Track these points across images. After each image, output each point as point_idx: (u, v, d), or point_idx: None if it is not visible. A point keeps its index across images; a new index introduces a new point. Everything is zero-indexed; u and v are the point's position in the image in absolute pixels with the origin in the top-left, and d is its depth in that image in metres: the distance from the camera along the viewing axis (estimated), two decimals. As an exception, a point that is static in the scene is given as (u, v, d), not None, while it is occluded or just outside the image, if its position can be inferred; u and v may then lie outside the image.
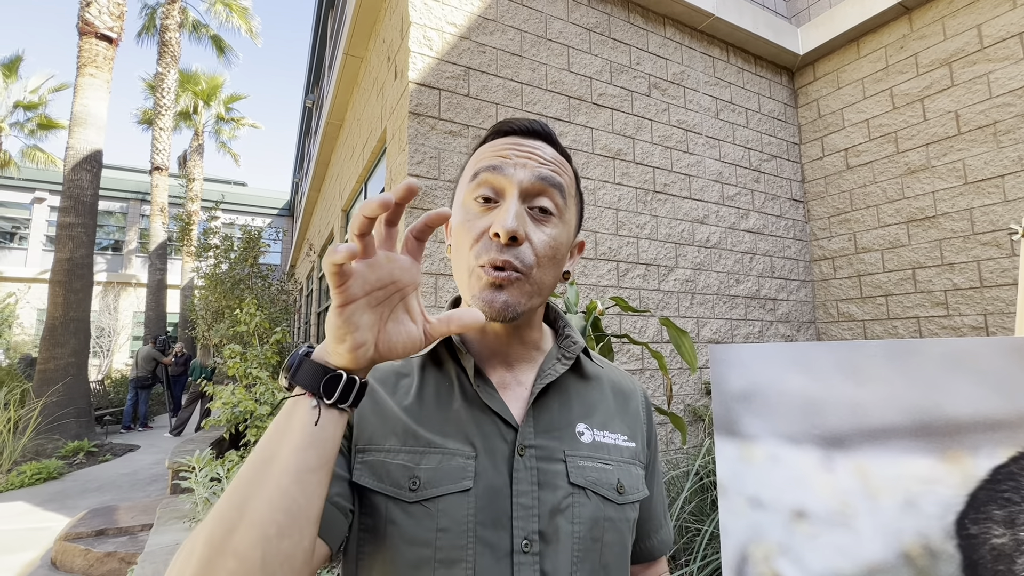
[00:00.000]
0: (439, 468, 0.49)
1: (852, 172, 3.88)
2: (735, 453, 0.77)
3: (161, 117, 12.14)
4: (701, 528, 1.84)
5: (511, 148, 0.54)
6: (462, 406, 0.53)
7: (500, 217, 0.51)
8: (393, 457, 0.49)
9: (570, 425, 0.56)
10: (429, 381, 0.55)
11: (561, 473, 0.52)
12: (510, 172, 0.52)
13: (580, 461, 0.53)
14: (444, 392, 0.55)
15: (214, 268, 7.82)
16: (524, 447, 0.52)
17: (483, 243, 0.51)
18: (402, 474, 0.49)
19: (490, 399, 0.53)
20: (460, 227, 0.54)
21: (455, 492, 0.48)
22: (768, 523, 0.73)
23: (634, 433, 0.62)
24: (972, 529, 0.59)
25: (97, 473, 5.56)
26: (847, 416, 0.70)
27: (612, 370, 0.68)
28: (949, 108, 3.34)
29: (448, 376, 0.56)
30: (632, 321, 3.11)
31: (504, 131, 0.57)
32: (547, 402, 0.56)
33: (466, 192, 0.55)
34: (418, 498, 0.48)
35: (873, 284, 3.72)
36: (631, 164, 3.29)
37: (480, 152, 0.56)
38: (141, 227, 17.78)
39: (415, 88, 2.63)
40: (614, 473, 0.55)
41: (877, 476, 0.66)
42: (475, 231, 0.52)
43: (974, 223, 3.22)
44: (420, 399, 0.54)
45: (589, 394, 0.60)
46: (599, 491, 0.53)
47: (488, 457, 0.51)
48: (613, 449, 0.57)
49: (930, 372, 0.66)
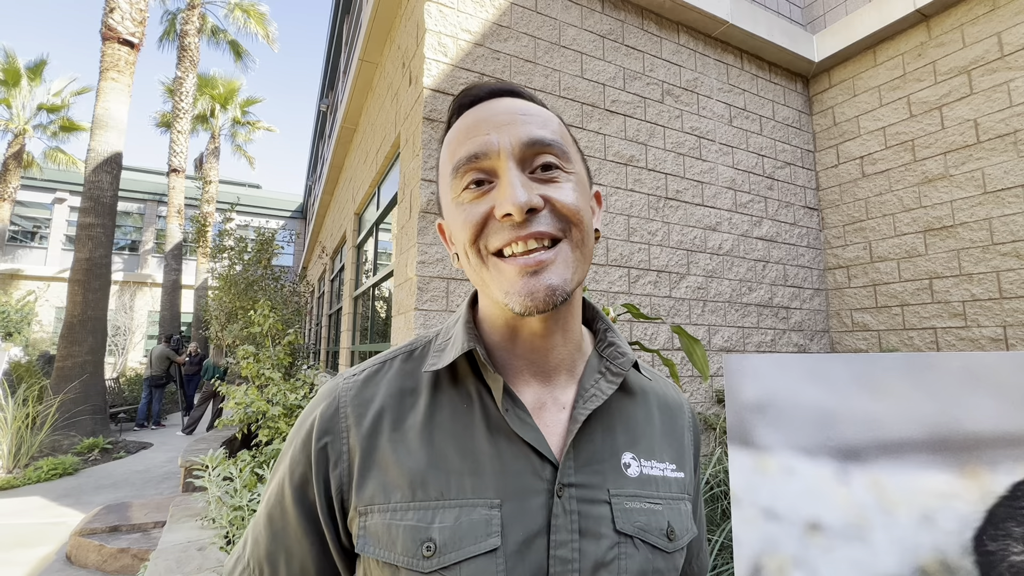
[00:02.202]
0: (458, 525, 0.40)
1: (868, 180, 3.84)
2: (749, 464, 0.77)
3: (179, 120, 12.37)
4: (712, 538, 1.82)
5: (477, 119, 0.46)
6: (485, 437, 0.44)
7: (504, 194, 0.42)
8: (401, 517, 0.41)
9: (615, 455, 0.47)
10: (443, 404, 0.46)
11: (606, 518, 0.43)
12: (493, 142, 0.44)
13: (627, 503, 0.45)
14: (461, 419, 0.45)
15: (228, 269, 7.93)
16: (563, 487, 0.43)
17: (491, 229, 0.43)
18: (413, 538, 0.40)
19: (522, 428, 0.44)
20: (459, 227, 0.45)
21: (480, 555, 0.40)
22: (782, 535, 0.73)
23: (682, 460, 0.53)
24: (990, 546, 0.59)
25: (111, 470, 5.65)
26: (863, 429, 0.70)
27: (659, 382, 0.58)
28: (968, 116, 3.29)
29: (467, 396, 0.46)
30: (643, 328, 3.10)
31: (466, 103, 0.48)
32: (589, 427, 0.46)
33: (451, 191, 0.46)
34: (435, 567, 0.39)
35: (889, 294, 3.67)
36: (643, 171, 3.29)
37: (450, 141, 0.47)
38: (158, 228, 18.09)
39: (429, 94, 2.65)
40: (664, 515, 0.47)
41: (893, 490, 0.66)
42: (474, 220, 0.44)
43: (993, 233, 3.16)
44: (431, 429, 0.44)
45: (635, 414, 0.51)
46: (648, 539, 0.45)
47: (518, 502, 0.42)
48: (662, 483, 0.49)
49: (948, 386, 0.65)
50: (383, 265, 4.38)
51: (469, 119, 0.47)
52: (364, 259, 5.28)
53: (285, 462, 0.49)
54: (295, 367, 5.54)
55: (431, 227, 2.57)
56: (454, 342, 0.49)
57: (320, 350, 8.55)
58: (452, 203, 0.47)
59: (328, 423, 0.47)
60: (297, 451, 0.48)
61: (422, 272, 2.52)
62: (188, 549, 2.69)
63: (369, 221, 4.85)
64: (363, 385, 0.49)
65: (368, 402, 0.47)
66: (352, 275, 5.57)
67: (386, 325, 3.91)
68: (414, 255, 2.57)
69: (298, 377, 4.24)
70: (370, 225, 4.75)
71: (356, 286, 5.40)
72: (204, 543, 2.76)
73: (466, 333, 0.48)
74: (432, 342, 0.52)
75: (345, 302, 5.70)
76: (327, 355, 7.67)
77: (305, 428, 0.48)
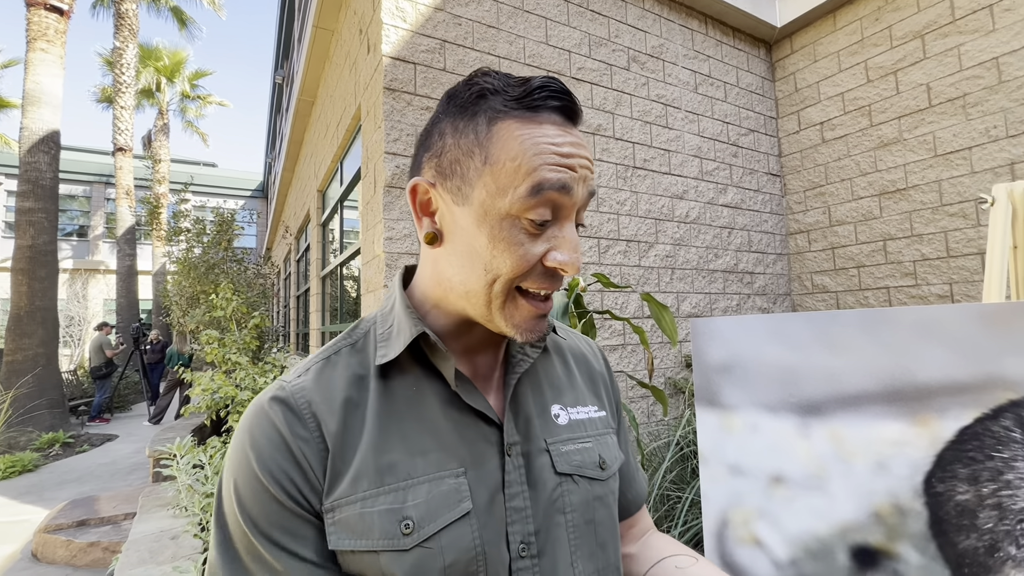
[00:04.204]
0: (431, 499, 0.43)
1: (827, 146, 3.93)
2: (716, 423, 0.80)
3: (122, 95, 11.58)
4: (682, 496, 1.90)
5: (572, 151, 0.43)
6: (440, 414, 0.47)
7: (569, 247, 0.43)
8: (372, 504, 0.42)
9: (545, 410, 0.53)
10: (396, 390, 0.47)
11: (547, 465, 0.49)
12: (575, 191, 0.43)
13: (562, 447, 0.51)
14: (416, 400, 0.47)
15: (186, 252, 7.60)
16: (510, 445, 0.48)
17: (534, 271, 0.44)
18: (389, 520, 0.41)
19: (473, 399, 0.48)
20: (504, 251, 0.43)
21: (456, 520, 0.43)
22: (747, 489, 0.76)
23: (602, 400, 0.60)
24: (939, 488, 0.63)
25: (75, 464, 5.46)
26: (823, 384, 0.73)
27: (572, 337, 0.65)
28: (921, 81, 3.38)
29: (417, 379, 0.48)
30: (614, 297, 3.14)
31: (549, 106, 0.43)
32: (520, 389, 0.52)
33: (513, 199, 0.42)
34: (416, 541, 0.41)
35: (846, 256, 3.81)
36: (611, 140, 3.27)
37: (529, 141, 0.42)
38: (107, 211, 17.12)
39: (389, 62, 2.55)
40: (595, 450, 0.53)
41: (851, 441, 0.69)
42: (531, 259, 0.43)
43: (942, 195, 3.30)
44: (389, 416, 0.46)
45: (556, 370, 0.58)
46: (585, 473, 0.51)
47: (478, 467, 0.46)
48: (589, 424, 0.55)
49: (902, 340, 0.68)
50: (350, 243, 4.27)
51: (563, 140, 0.43)
52: (330, 238, 5.14)
53: (241, 511, 0.42)
54: (263, 351, 5.41)
55: (397, 202, 2.51)
56: (399, 330, 0.49)
57: (289, 332, 8.38)
58: (504, 212, 0.42)
59: (295, 431, 0.43)
60: (262, 484, 0.42)
61: (390, 249, 2.47)
62: (161, 538, 2.64)
63: (333, 198, 4.70)
64: (315, 385, 0.46)
65: (328, 400, 0.45)
66: (318, 254, 5.42)
67: (356, 304, 3.84)
68: (380, 232, 2.51)
69: (267, 360, 4.14)
70: (334, 202, 4.61)
71: (323, 266, 5.26)
72: (177, 532, 2.72)
73: (411, 319, 0.48)
74: (370, 333, 0.52)
75: (313, 282, 5.56)
76: (297, 337, 7.52)
77: (263, 453, 0.42)
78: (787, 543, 0.62)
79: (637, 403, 3.18)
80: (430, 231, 0.47)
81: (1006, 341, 0.54)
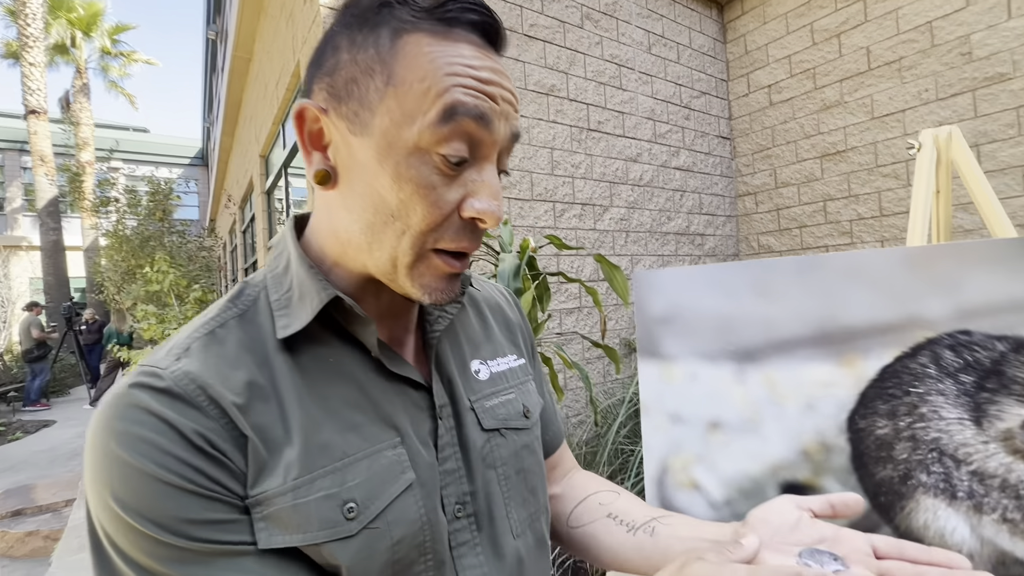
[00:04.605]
0: (372, 475, 0.39)
1: (774, 108, 4.02)
2: (657, 374, 0.81)
3: (29, 50, 10.41)
4: (635, 450, 1.98)
5: (492, 78, 0.37)
6: (366, 384, 0.42)
7: (487, 195, 0.38)
8: (307, 492, 0.36)
9: (466, 367, 0.51)
10: (309, 365, 0.41)
11: (474, 423, 0.48)
12: (496, 128, 0.38)
13: (486, 403, 0.50)
14: (335, 373, 0.41)
15: (117, 224, 7.07)
16: (441, 408, 0.46)
17: (450, 223, 0.38)
18: (330, 507, 0.37)
19: (397, 366, 0.44)
20: (406, 184, 0.36)
21: (401, 493, 0.40)
22: (686, 436, 0.79)
23: (519, 348, 0.59)
24: (861, 424, 0.66)
25: (8, 453, 5.13)
26: (758, 331, 0.75)
27: (485, 287, 0.63)
28: (862, 44, 3.48)
29: (331, 348, 0.42)
30: (569, 261, 3.15)
31: (466, 20, 0.37)
32: (440, 348, 0.49)
33: (428, 131, 0.36)
34: (363, 524, 0.37)
35: (789, 217, 3.97)
36: (565, 101, 3.22)
37: (442, 59, 0.36)
38: (24, 182, 15.63)
39: (328, 13, 2.37)
40: (518, 400, 0.53)
41: (783, 384, 0.72)
42: (442, 205, 0.37)
43: (878, 156, 3.46)
44: (308, 394, 0.40)
45: (473, 324, 0.55)
46: (511, 425, 0.50)
47: (412, 435, 0.43)
48: (510, 375, 0.54)
49: (832, 285, 0.71)
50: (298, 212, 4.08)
51: (481, 64, 0.37)
52: (277, 207, 4.89)
53: (144, 522, 0.33)
54: (210, 326, 5.16)
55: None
56: (301, 294, 0.42)
57: (239, 307, 8.02)
58: (411, 144, 0.36)
59: (195, 422, 0.35)
60: (162, 480, 0.33)
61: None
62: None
63: (276, 163, 4.44)
64: (204, 367, 0.37)
65: (227, 383, 0.37)
66: (264, 224, 5.16)
67: (306, 275, 3.69)
68: (327, 197, 2.40)
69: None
70: (278, 167, 4.36)
71: (270, 235, 5.02)
72: (125, 514, 2.61)
73: (316, 281, 0.41)
74: (260, 299, 0.43)
75: (260, 254, 5.31)
76: (247, 312, 7.22)
77: (152, 450, 0.33)
78: (722, 485, 0.65)
79: (593, 364, 3.26)
80: (322, 168, 0.40)
81: (926, 282, 0.55)
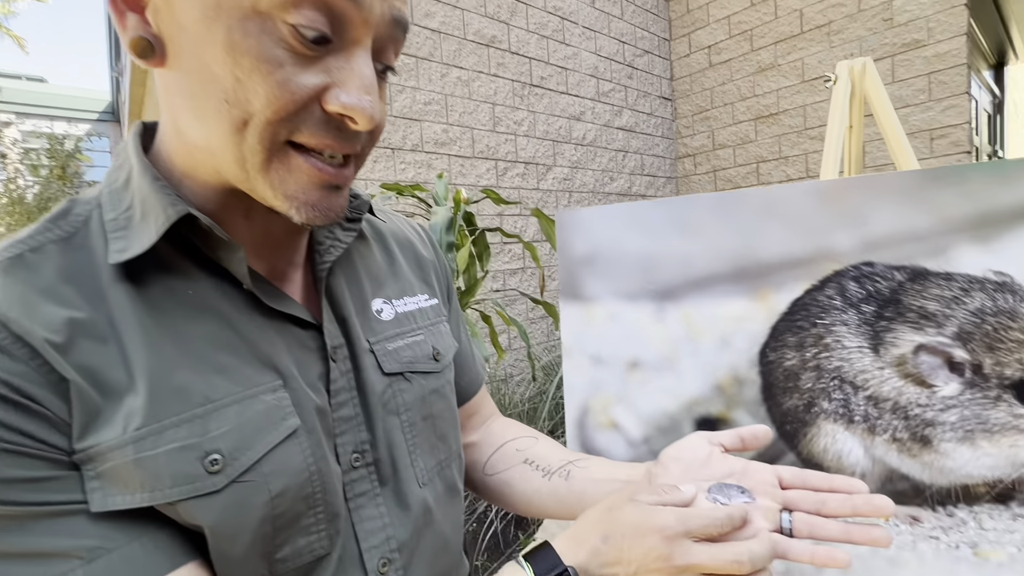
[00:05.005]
0: (243, 422, 0.34)
1: (714, 70, 4.06)
2: (578, 315, 0.80)
3: None
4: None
5: None
6: (238, 319, 0.36)
7: (356, 87, 0.31)
8: (154, 444, 0.31)
9: (366, 306, 0.46)
10: (158, 295, 0.34)
11: (374, 366, 0.43)
12: (367, 2, 0.30)
13: (388, 345, 0.45)
14: (193, 306, 0.35)
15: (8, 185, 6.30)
16: (335, 349, 0.41)
17: (307, 115, 0.31)
18: (186, 460, 0.31)
19: (275, 300, 0.38)
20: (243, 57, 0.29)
21: (281, 441, 0.35)
22: (606, 377, 0.79)
23: (432, 287, 0.55)
24: (771, 356, 0.68)
25: None
26: (677, 269, 0.75)
27: (393, 220, 0.57)
28: (796, 7, 3.55)
29: (185, 277, 0.35)
30: (512, 221, 3.12)
31: None
32: (334, 283, 0.44)
33: None
34: (231, 477, 0.32)
35: (725, 178, 4.09)
36: (507, 54, 3.10)
37: None
38: None
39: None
40: (428, 342, 0.49)
41: (699, 321, 0.73)
42: (291, 87, 0.30)
43: (806, 119, 3.60)
44: (157, 329, 0.33)
45: (376, 258, 0.50)
46: (417, 368, 0.47)
47: (298, 378, 0.38)
48: (419, 315, 0.50)
49: (748, 220, 0.71)
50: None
51: None
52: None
53: None
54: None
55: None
56: (144, 212, 0.34)
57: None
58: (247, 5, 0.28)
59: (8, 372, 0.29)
60: None
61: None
62: None
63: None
64: (6, 299, 0.30)
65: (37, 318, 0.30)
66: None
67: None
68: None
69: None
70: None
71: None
72: None
73: (162, 194, 0.34)
74: (91, 220, 0.35)
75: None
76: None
77: None
78: (641, 423, 0.65)
79: (537, 323, 3.29)
80: (138, 35, 0.31)
81: (835, 215, 0.56)
